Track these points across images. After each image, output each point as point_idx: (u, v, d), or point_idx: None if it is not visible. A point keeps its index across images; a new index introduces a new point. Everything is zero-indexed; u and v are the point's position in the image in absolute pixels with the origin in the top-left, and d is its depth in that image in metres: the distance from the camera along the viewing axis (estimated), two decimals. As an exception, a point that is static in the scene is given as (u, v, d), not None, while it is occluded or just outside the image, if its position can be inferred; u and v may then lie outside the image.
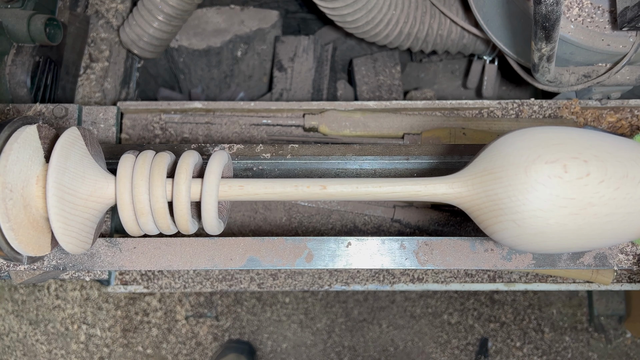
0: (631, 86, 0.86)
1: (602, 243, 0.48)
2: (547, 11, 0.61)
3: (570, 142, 0.46)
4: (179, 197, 0.51)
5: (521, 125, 0.87)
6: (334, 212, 0.90)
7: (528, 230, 0.46)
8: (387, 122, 0.88)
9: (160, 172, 0.51)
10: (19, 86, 0.86)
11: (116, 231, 0.82)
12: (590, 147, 0.46)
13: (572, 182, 0.44)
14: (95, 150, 0.55)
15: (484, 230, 0.50)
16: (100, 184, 0.52)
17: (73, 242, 0.50)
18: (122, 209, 0.51)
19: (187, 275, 0.94)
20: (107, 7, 1.07)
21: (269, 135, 0.93)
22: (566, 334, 1.48)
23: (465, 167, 0.52)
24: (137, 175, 0.51)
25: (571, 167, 0.44)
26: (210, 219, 0.52)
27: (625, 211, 0.45)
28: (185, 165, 0.52)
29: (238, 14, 1.15)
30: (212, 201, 0.51)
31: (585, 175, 0.44)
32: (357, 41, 1.23)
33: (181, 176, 0.51)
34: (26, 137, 0.50)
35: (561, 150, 0.45)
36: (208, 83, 1.22)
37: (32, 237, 0.51)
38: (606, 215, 0.45)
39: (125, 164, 0.52)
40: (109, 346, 1.48)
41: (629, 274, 0.92)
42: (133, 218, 0.52)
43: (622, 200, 0.45)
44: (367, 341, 1.48)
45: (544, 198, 0.44)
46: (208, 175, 0.51)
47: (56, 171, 0.48)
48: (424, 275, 0.93)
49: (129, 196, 0.51)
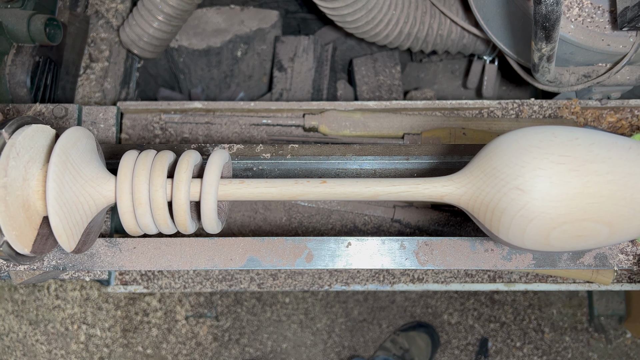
0: (631, 86, 0.86)
1: (614, 207, 0.46)
2: (547, 11, 0.61)
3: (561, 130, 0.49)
4: (178, 197, 0.51)
5: (521, 125, 0.87)
6: (334, 212, 0.90)
7: (533, 194, 0.45)
8: (387, 122, 0.88)
9: (160, 171, 0.51)
10: (19, 86, 0.86)
11: (116, 231, 0.82)
12: (580, 129, 0.49)
13: (564, 142, 0.47)
14: (95, 150, 0.55)
15: (488, 227, 0.50)
16: (100, 183, 0.52)
17: (73, 242, 0.50)
18: (121, 208, 0.51)
19: (187, 275, 0.94)
20: (107, 7, 1.07)
21: (269, 135, 0.93)
22: (566, 334, 1.47)
23: (465, 167, 0.52)
24: (137, 174, 0.51)
25: (559, 132, 0.48)
26: (209, 218, 0.52)
27: (625, 171, 0.46)
28: (185, 165, 0.52)
29: (238, 14, 1.15)
30: (212, 200, 0.51)
31: (574, 139, 0.47)
32: (357, 41, 1.23)
33: (181, 176, 0.51)
34: (26, 138, 0.50)
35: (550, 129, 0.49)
36: (208, 83, 1.22)
37: (33, 236, 0.51)
38: (607, 173, 0.45)
39: (126, 164, 0.52)
40: (109, 346, 1.48)
41: (629, 274, 0.92)
42: (132, 217, 0.52)
43: (619, 160, 0.46)
44: (367, 341, 1.48)
45: (540, 157, 0.46)
46: (207, 174, 0.51)
47: (56, 172, 0.48)
48: (424, 275, 0.93)
49: (128, 195, 0.51)
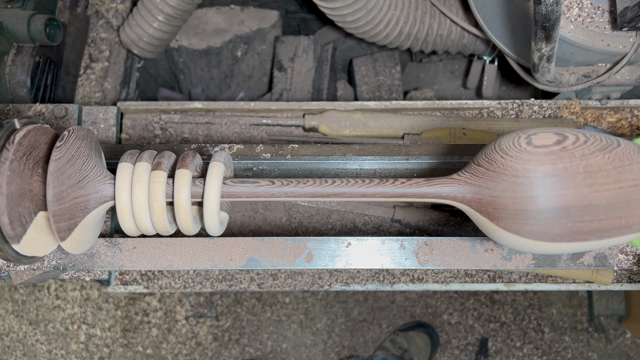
0: (631, 86, 0.86)
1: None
2: (547, 11, 0.61)
3: None
4: (179, 201, 0.51)
5: (521, 125, 0.87)
6: (334, 212, 0.90)
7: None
8: (387, 122, 0.88)
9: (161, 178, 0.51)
10: (19, 86, 0.86)
11: (116, 231, 0.82)
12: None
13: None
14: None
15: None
16: (99, 183, 0.52)
17: (73, 242, 0.50)
18: (120, 210, 0.51)
19: (187, 275, 0.94)
20: (107, 7, 1.07)
21: (269, 135, 0.93)
22: (566, 334, 1.47)
23: (465, 167, 0.52)
24: (137, 177, 0.51)
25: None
26: (212, 223, 0.52)
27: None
28: (185, 168, 0.52)
29: (238, 14, 1.15)
30: (214, 206, 0.51)
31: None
32: (357, 41, 1.23)
33: (182, 180, 0.51)
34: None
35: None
36: (208, 83, 1.22)
37: (34, 237, 0.51)
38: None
39: (125, 165, 0.52)
40: (109, 346, 1.48)
41: (629, 274, 0.92)
42: (131, 219, 0.52)
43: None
44: (367, 341, 1.48)
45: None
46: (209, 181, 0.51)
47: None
48: (424, 275, 0.93)
49: (127, 197, 0.51)
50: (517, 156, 0.47)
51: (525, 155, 0.47)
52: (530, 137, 0.48)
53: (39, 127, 0.52)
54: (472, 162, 0.52)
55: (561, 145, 0.47)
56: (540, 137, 0.47)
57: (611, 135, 0.48)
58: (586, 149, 0.47)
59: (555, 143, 0.47)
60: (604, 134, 0.48)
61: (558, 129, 0.49)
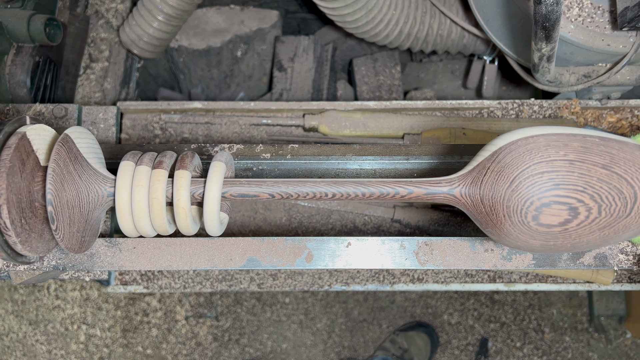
0: (631, 86, 0.86)
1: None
2: (547, 11, 0.61)
3: None
4: (179, 201, 0.51)
5: (521, 125, 0.87)
6: (334, 212, 0.90)
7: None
8: (387, 122, 0.88)
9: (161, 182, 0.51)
10: (18, 86, 0.86)
11: (116, 231, 0.82)
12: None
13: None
14: (95, 150, 0.55)
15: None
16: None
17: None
18: (119, 209, 0.51)
19: (187, 276, 0.94)
20: (107, 7, 1.07)
21: (269, 135, 0.93)
22: (566, 334, 1.47)
23: (466, 167, 0.52)
24: (137, 179, 0.51)
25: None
26: (212, 223, 0.52)
27: None
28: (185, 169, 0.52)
29: (238, 14, 1.15)
30: (214, 206, 0.51)
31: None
32: (357, 41, 1.23)
33: (181, 181, 0.51)
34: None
35: None
36: (208, 83, 1.22)
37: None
38: None
39: (127, 164, 0.52)
40: (108, 346, 1.48)
41: (629, 274, 0.92)
42: (130, 218, 0.52)
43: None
44: (367, 341, 1.48)
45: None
46: (210, 181, 0.51)
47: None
48: (424, 275, 0.93)
49: (127, 195, 0.51)
50: (517, 226, 0.47)
51: (524, 228, 0.47)
52: (540, 211, 0.45)
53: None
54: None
55: (564, 227, 0.46)
56: (551, 213, 0.45)
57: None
58: (590, 227, 0.46)
59: (561, 224, 0.46)
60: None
61: (577, 194, 0.44)
